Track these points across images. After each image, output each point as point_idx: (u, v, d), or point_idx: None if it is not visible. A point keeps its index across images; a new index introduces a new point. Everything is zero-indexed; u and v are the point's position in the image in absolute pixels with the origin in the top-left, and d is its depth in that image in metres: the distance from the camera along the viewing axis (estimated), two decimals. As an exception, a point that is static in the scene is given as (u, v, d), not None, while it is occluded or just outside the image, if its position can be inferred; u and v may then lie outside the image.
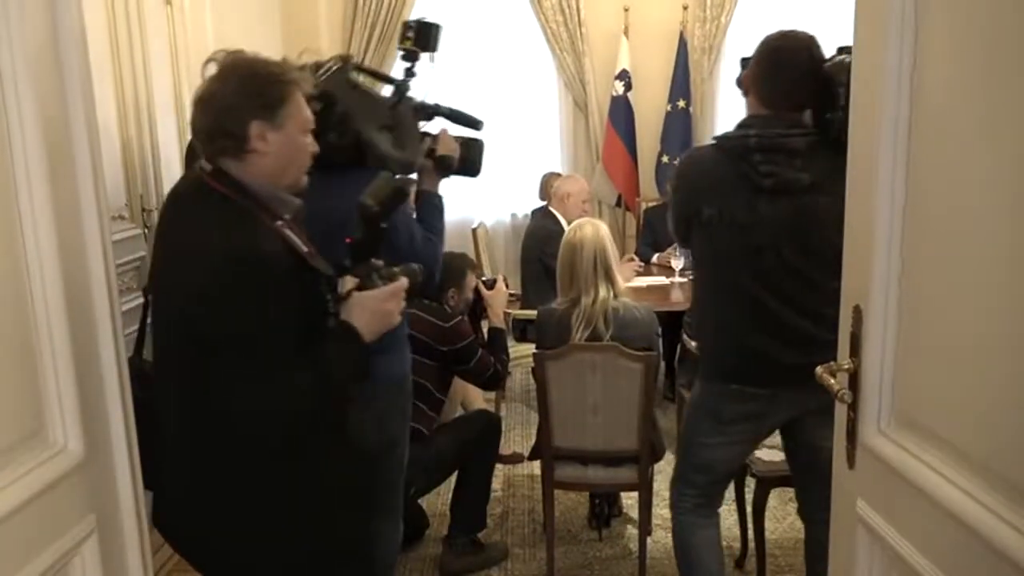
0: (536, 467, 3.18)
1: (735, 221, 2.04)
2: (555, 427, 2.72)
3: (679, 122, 6.09)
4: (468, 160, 2.14)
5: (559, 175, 5.67)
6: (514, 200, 6.21)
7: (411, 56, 2.07)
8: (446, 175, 2.13)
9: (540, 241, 4.01)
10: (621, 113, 6.09)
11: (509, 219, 6.34)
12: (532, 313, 3.06)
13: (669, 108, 6.08)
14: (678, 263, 4.38)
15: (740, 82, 2.11)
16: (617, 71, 6.04)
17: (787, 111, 2.01)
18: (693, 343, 3.53)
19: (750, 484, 2.84)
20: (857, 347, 1.34)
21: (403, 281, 1.59)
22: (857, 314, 1.33)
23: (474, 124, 2.18)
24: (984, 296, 1.06)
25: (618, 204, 6.29)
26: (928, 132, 1.17)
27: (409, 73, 2.08)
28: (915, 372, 1.24)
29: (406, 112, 1.97)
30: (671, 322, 4.08)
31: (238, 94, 1.44)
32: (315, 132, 1.60)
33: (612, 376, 2.63)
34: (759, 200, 2.01)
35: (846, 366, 1.35)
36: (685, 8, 6.04)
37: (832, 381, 1.32)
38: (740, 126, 2.08)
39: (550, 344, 2.67)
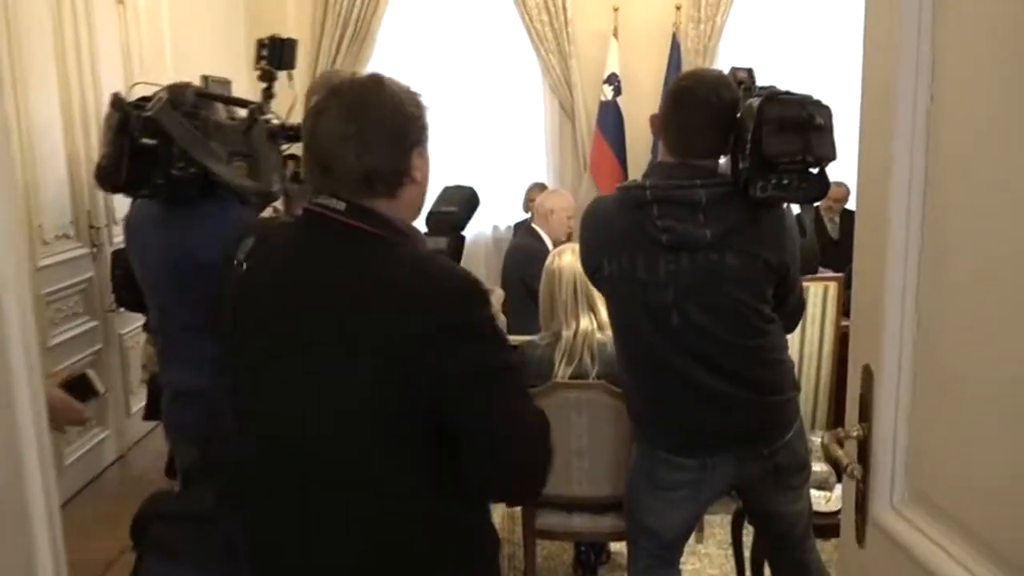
0: (517, 508, 3.09)
1: (636, 277, 1.98)
2: (536, 472, 2.64)
3: (672, 128, 6.06)
4: None
5: (543, 187, 5.61)
6: (495, 212, 6.16)
7: (267, 76, 2.09)
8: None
9: (521, 261, 3.94)
10: (610, 119, 6.07)
11: (490, 232, 6.30)
12: (516, 339, 2.97)
13: (661, 114, 6.04)
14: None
15: (652, 123, 2.05)
16: (606, 74, 6.02)
17: (696, 158, 1.95)
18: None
19: (748, 528, 2.77)
20: (867, 412, 1.27)
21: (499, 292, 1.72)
22: (867, 375, 1.26)
23: None
24: (1010, 366, 1.00)
25: (607, 216, 6.23)
26: (948, 180, 1.11)
27: (267, 94, 2.09)
28: (932, 444, 1.17)
29: (260, 137, 1.93)
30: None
31: (403, 120, 1.36)
32: (158, 167, 1.70)
33: (598, 417, 2.56)
34: (659, 256, 1.95)
35: (855, 433, 1.28)
36: (678, 8, 6.02)
37: (840, 453, 1.25)
38: (644, 175, 2.03)
39: (531, 382, 2.59)
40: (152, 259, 2.05)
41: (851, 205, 5.10)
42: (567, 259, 2.62)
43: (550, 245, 4.22)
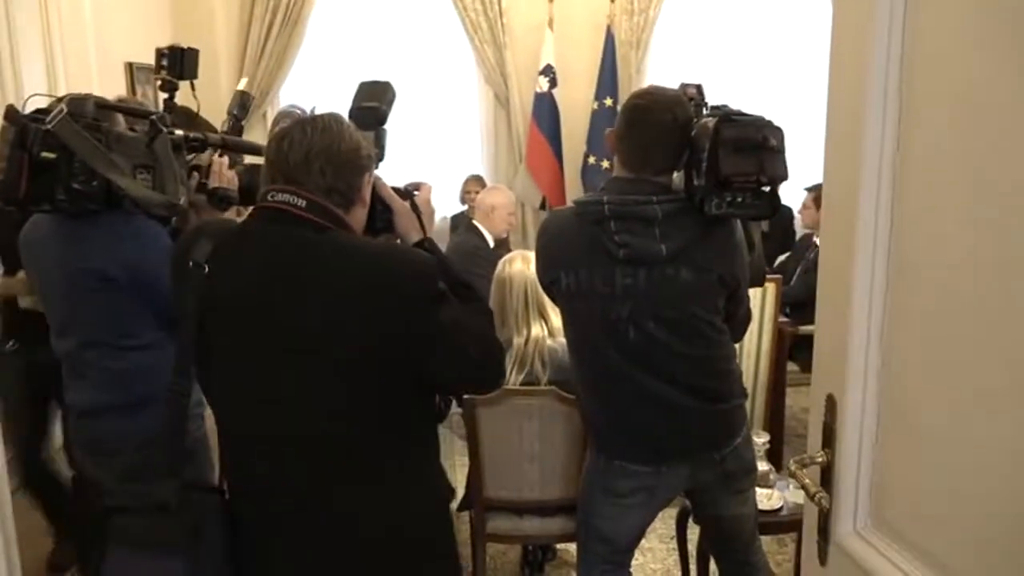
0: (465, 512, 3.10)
1: (593, 291, 2.02)
2: (487, 477, 2.66)
3: (606, 121, 6.09)
4: (252, 188, 2.12)
5: (480, 179, 5.61)
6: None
7: (168, 86, 2.08)
8: (226, 208, 2.11)
9: (464, 259, 3.93)
10: (545, 110, 6.07)
11: (425, 222, 6.25)
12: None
13: (596, 106, 6.09)
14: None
15: (607, 139, 2.09)
16: (541, 66, 6.02)
17: (651, 174, 2.00)
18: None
19: (693, 525, 2.84)
20: (830, 439, 1.32)
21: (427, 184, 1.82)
22: (830, 404, 1.31)
23: (257, 151, 2.19)
24: (973, 397, 1.05)
25: (543, 207, 6.26)
26: (913, 212, 1.15)
27: (168, 105, 2.08)
28: (895, 472, 1.23)
29: (164, 148, 1.92)
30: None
31: (357, 147, 1.53)
32: (59, 181, 1.75)
33: (549, 422, 2.58)
34: (616, 270, 1.99)
35: (819, 458, 1.33)
36: (612, 0, 6.04)
37: (807, 481, 1.30)
38: (601, 190, 2.06)
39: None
40: (54, 275, 2.01)
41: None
42: (517, 266, 2.64)
43: (491, 242, 4.24)
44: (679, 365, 2.03)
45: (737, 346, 2.95)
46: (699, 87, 2.09)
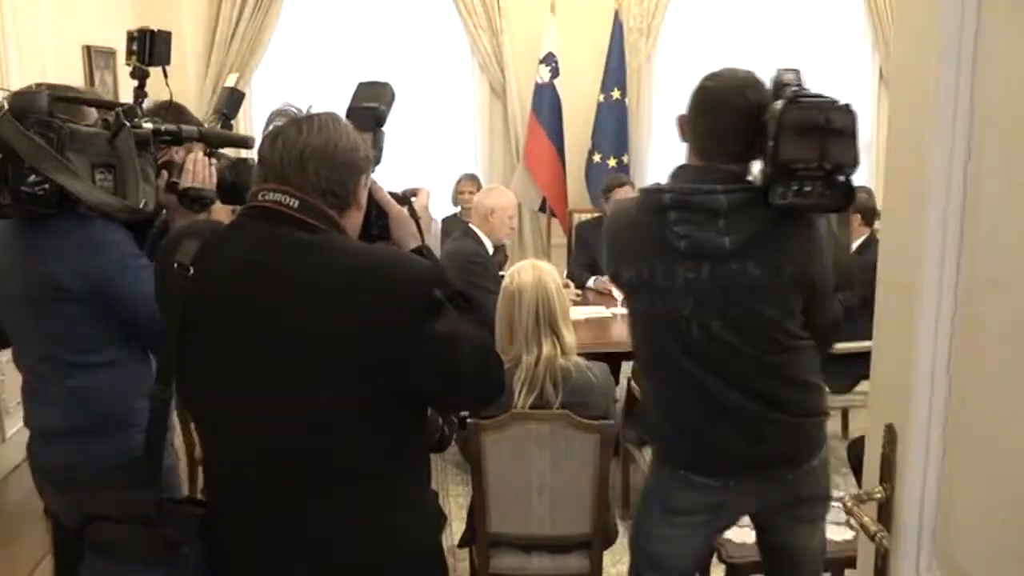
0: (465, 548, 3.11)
1: (654, 286, 2.05)
2: (492, 510, 2.66)
3: (613, 115, 6.16)
4: (237, 185, 2.14)
5: (474, 179, 5.62)
6: (419, 205, 6.13)
7: (138, 73, 2.08)
8: (200, 209, 2.12)
9: (460, 268, 3.94)
10: (546, 103, 6.11)
11: (414, 226, 6.26)
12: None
13: (602, 98, 6.14)
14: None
15: (678, 124, 2.11)
16: (542, 54, 6.05)
17: (721, 162, 2.01)
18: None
19: (719, 570, 2.85)
20: (889, 472, 1.33)
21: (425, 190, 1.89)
22: (890, 435, 1.32)
23: (241, 143, 2.23)
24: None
25: (542, 209, 6.29)
26: (987, 222, 1.16)
27: (139, 93, 2.08)
28: (963, 509, 1.24)
29: (127, 146, 1.92)
30: (612, 364, 4.06)
31: (354, 147, 1.58)
32: (5, 184, 1.77)
33: (562, 450, 2.59)
34: (678, 264, 2.02)
35: (877, 494, 1.34)
36: (620, -16, 6.09)
37: (866, 519, 1.31)
38: (670, 177, 2.09)
39: (487, 412, 2.61)
40: (8, 285, 2.01)
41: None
42: (527, 278, 2.64)
43: (490, 247, 4.25)
44: (751, 370, 2.03)
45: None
46: (797, 72, 2.04)
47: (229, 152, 2.29)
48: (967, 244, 1.21)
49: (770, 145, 1.89)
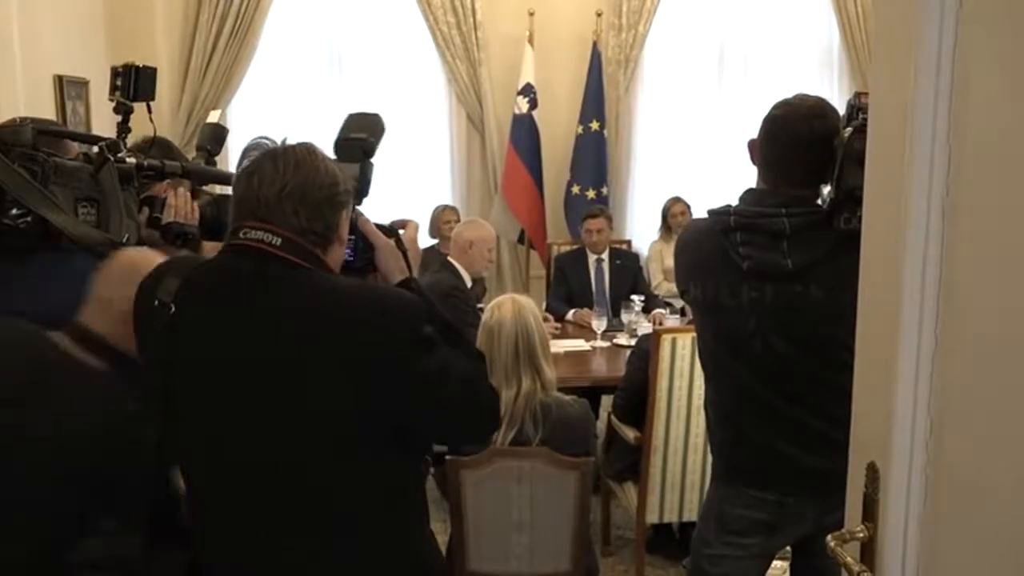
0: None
1: (720, 303, 2.12)
2: (471, 548, 2.66)
3: (591, 146, 6.20)
4: (220, 222, 2.15)
5: (454, 210, 5.63)
6: (396, 236, 6.13)
7: (122, 109, 2.09)
8: (182, 245, 2.14)
9: (438, 301, 3.93)
10: (524, 134, 6.14)
11: (391, 257, 6.25)
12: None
13: (580, 130, 6.18)
14: (600, 323, 4.41)
15: (749, 149, 2.18)
16: (520, 85, 6.09)
17: (789, 187, 2.08)
18: (622, 426, 3.58)
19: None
20: (872, 511, 1.34)
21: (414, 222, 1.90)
22: (872, 473, 1.34)
23: (224, 179, 2.22)
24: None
25: (520, 241, 6.31)
26: (966, 256, 1.18)
27: (123, 128, 2.09)
28: (946, 551, 1.25)
29: (110, 180, 1.94)
30: (592, 399, 4.08)
31: (333, 181, 1.58)
32: None
33: (542, 487, 2.59)
34: (742, 283, 2.09)
35: (859, 533, 1.35)
36: (599, 15, 6.16)
37: (849, 559, 1.32)
38: (739, 199, 2.16)
39: (466, 448, 2.60)
40: None
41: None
42: (507, 312, 2.65)
43: (468, 280, 4.26)
44: (809, 386, 2.08)
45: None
46: None
47: (212, 188, 2.30)
48: (946, 279, 1.23)
49: (836, 171, 1.95)
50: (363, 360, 1.48)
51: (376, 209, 1.87)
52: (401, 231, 1.83)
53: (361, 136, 1.83)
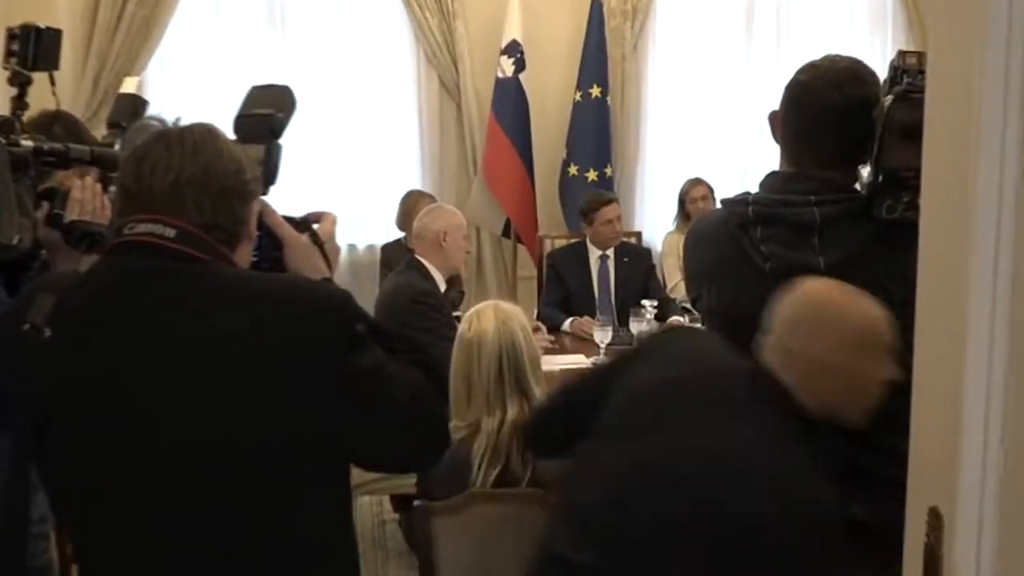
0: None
1: (740, 313, 2.09)
2: (447, 615, 2.65)
3: (592, 117, 6.20)
4: None
5: (430, 198, 5.57)
6: (353, 228, 6.12)
7: (18, 79, 2.09)
8: (91, 248, 2.12)
9: (403, 310, 3.94)
10: (510, 102, 6.14)
11: (346, 253, 6.22)
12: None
13: (578, 97, 6.19)
14: (604, 335, 4.41)
15: (771, 122, 2.17)
16: (504, 43, 6.08)
17: (818, 168, 2.06)
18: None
19: None
20: (935, 565, 1.35)
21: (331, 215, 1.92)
22: (935, 520, 1.34)
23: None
24: None
25: (506, 234, 6.31)
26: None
27: (18, 104, 2.09)
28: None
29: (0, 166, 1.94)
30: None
31: (239, 168, 1.61)
32: None
33: (531, 537, 2.58)
34: (765, 288, 2.03)
35: (920, 592, 1.36)
36: (599, -43, 6.16)
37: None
38: (759, 186, 2.15)
39: (439, 490, 2.60)
40: None
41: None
42: (488, 323, 2.65)
43: (441, 283, 4.25)
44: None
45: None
46: (920, 55, 2.03)
47: None
48: (1020, 287, 1.23)
49: (875, 148, 1.93)
50: (282, 362, 1.51)
51: (327, 199, 1.88)
52: (316, 225, 1.86)
53: (267, 112, 1.83)
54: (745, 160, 6.31)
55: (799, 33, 6.44)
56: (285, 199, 1.91)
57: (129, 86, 2.44)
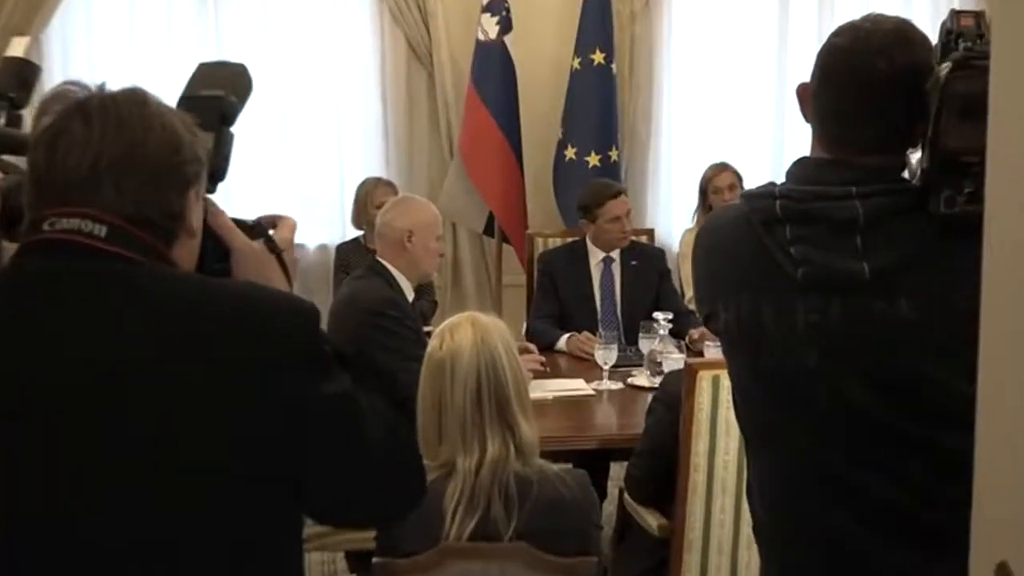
0: None
1: (762, 332, 2.06)
2: None
3: (594, 89, 6.22)
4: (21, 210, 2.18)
5: (388, 187, 5.60)
6: (302, 224, 6.01)
7: None
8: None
9: (361, 324, 3.94)
10: (494, 71, 6.16)
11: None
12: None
13: (577, 64, 6.21)
14: (607, 354, 4.41)
15: (799, 96, 2.14)
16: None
17: (857, 153, 2.04)
18: (641, 509, 3.59)
19: None
20: (1005, 630, 1.36)
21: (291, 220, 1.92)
22: (1004, 575, 1.35)
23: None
24: None
25: (488, 231, 6.32)
26: None
27: None
28: None
29: None
30: (596, 468, 4.09)
31: (175, 149, 1.61)
32: None
33: (518, 602, 2.59)
34: (796, 301, 2.02)
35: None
36: None
37: None
38: (786, 175, 2.12)
39: (405, 545, 2.61)
40: None
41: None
42: (464, 339, 2.65)
43: (409, 291, 4.24)
44: (912, 457, 1.99)
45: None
46: (979, 16, 2.02)
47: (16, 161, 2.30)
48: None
49: (930, 128, 1.90)
50: (233, 385, 1.53)
51: (273, 190, 1.88)
52: (272, 231, 1.85)
53: (217, 94, 1.84)
54: (781, 142, 6.34)
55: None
56: (220, 193, 1.90)
57: (15, 48, 2.44)
